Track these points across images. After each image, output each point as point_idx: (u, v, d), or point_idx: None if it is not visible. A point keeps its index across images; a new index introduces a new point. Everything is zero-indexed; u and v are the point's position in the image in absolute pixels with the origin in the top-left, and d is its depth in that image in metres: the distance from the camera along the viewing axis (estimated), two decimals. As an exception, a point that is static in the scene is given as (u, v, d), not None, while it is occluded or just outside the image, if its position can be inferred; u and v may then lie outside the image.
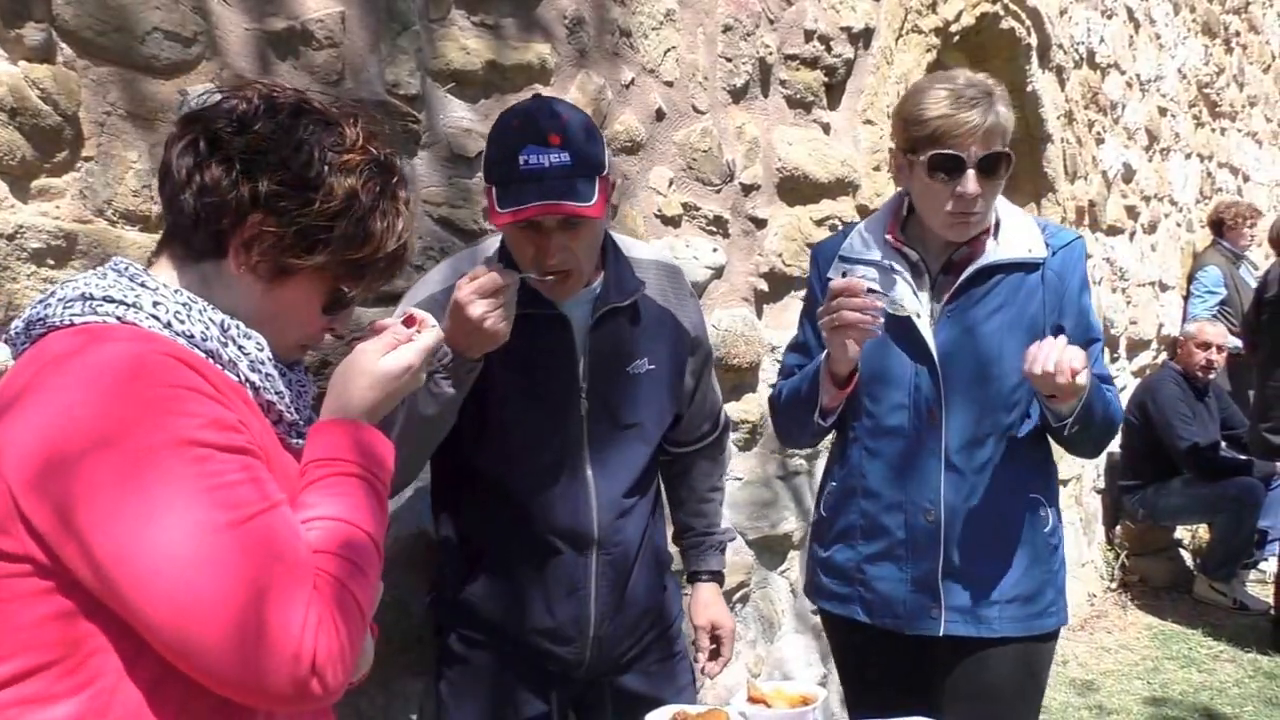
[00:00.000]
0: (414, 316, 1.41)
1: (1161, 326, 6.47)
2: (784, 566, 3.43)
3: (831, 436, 2.31)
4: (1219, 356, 5.63)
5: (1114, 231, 5.81)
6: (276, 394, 1.29)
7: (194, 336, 1.21)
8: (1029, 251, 2.11)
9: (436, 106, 2.33)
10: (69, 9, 1.72)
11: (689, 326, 2.13)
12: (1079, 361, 1.89)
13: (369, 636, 1.30)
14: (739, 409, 3.18)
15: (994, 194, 2.05)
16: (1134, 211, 6.09)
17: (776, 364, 3.26)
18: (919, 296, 2.11)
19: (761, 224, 3.25)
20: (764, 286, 3.27)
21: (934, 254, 2.14)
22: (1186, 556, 6.01)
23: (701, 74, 3.01)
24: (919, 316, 2.09)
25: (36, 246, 1.69)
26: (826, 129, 3.50)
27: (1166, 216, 6.60)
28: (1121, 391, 4.12)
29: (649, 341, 2.05)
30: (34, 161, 1.70)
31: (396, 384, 1.34)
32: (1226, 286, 6.41)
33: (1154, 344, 6.41)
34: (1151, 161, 6.32)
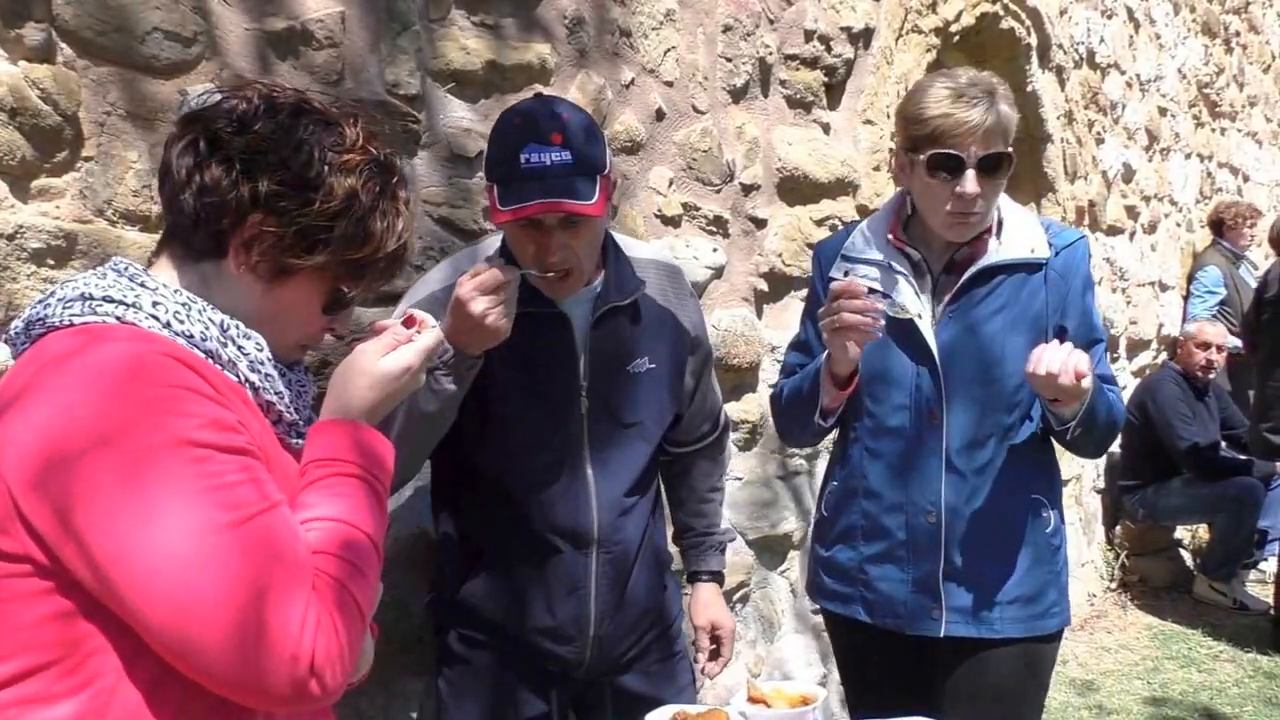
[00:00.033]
0: (414, 317, 1.41)
1: (1161, 326, 6.47)
2: (784, 566, 3.42)
3: (833, 436, 2.31)
4: (1219, 356, 5.63)
5: (1114, 231, 5.81)
6: (276, 394, 1.29)
7: (193, 336, 1.21)
8: (1032, 251, 2.10)
9: (436, 106, 2.33)
10: (69, 9, 1.72)
11: (689, 326, 2.13)
12: (1084, 365, 1.88)
13: (369, 637, 1.30)
14: (739, 409, 3.18)
15: (995, 194, 2.04)
16: (1134, 211, 6.09)
17: (776, 364, 3.26)
18: (920, 297, 2.10)
19: (761, 224, 3.25)
20: (764, 286, 3.27)
21: (936, 254, 2.13)
22: (1186, 556, 6.00)
23: (701, 74, 3.00)
24: (920, 318, 2.08)
25: (36, 246, 1.69)
26: (826, 129, 3.50)
27: (1166, 216, 6.60)
28: (1121, 391, 4.11)
29: (649, 341, 2.05)
30: (34, 161, 1.70)
31: (396, 384, 1.34)
32: (1226, 286, 6.40)
33: (1154, 344, 6.41)
34: (1151, 161, 6.32)
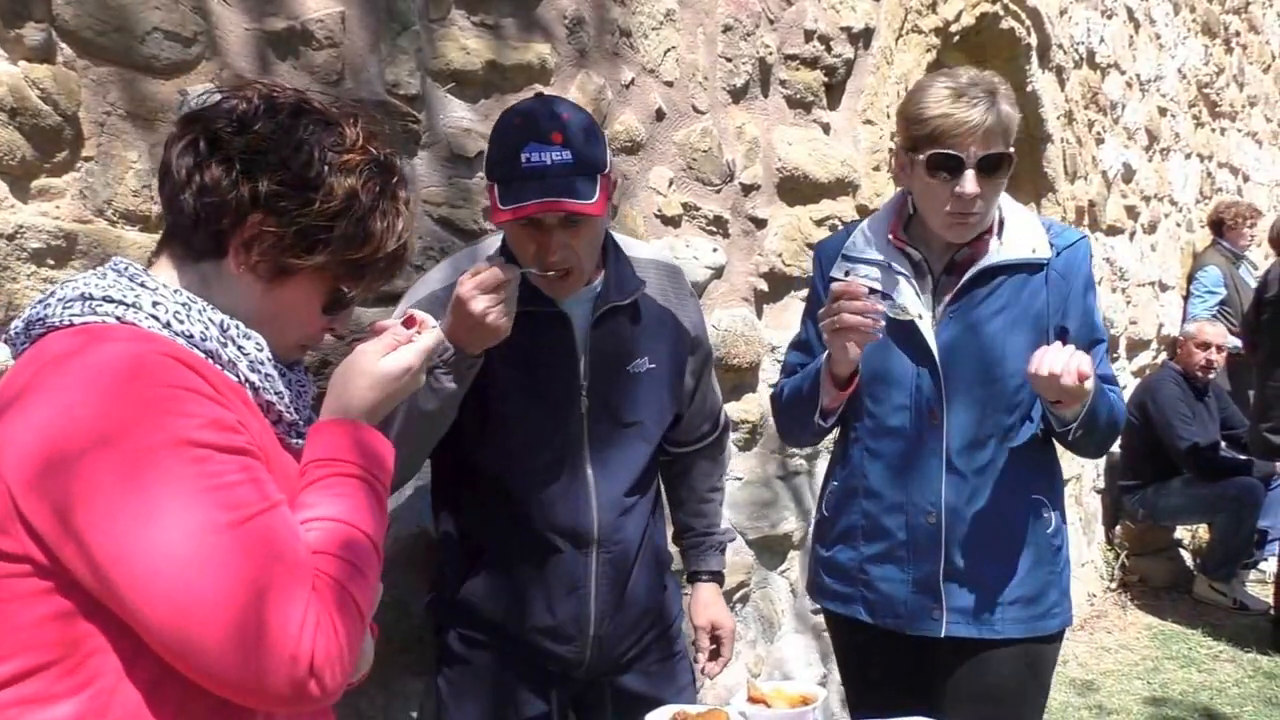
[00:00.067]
0: (414, 317, 1.41)
1: (1161, 326, 6.47)
2: (784, 566, 3.42)
3: (834, 436, 2.30)
4: (1219, 356, 5.63)
5: (1114, 231, 5.81)
6: (276, 394, 1.29)
7: (193, 336, 1.21)
8: (1033, 252, 2.09)
9: (436, 106, 2.33)
10: (69, 9, 1.72)
11: (689, 326, 2.13)
12: (1086, 366, 1.87)
13: (368, 637, 1.30)
14: (739, 409, 3.18)
15: (994, 194, 2.03)
16: (1134, 211, 6.09)
17: (777, 364, 3.26)
18: (921, 297, 2.10)
19: (761, 224, 3.25)
20: (764, 286, 3.27)
21: (937, 254, 2.12)
22: (1186, 556, 6.00)
23: (701, 74, 3.00)
24: (921, 318, 2.07)
25: (36, 246, 1.69)
26: (826, 129, 3.50)
27: (1166, 216, 6.60)
28: (1122, 391, 4.12)
29: (649, 340, 2.05)
30: (34, 161, 1.70)
31: (396, 385, 1.34)
32: (1226, 286, 6.40)
33: (1154, 344, 6.41)
34: (1151, 161, 6.32)
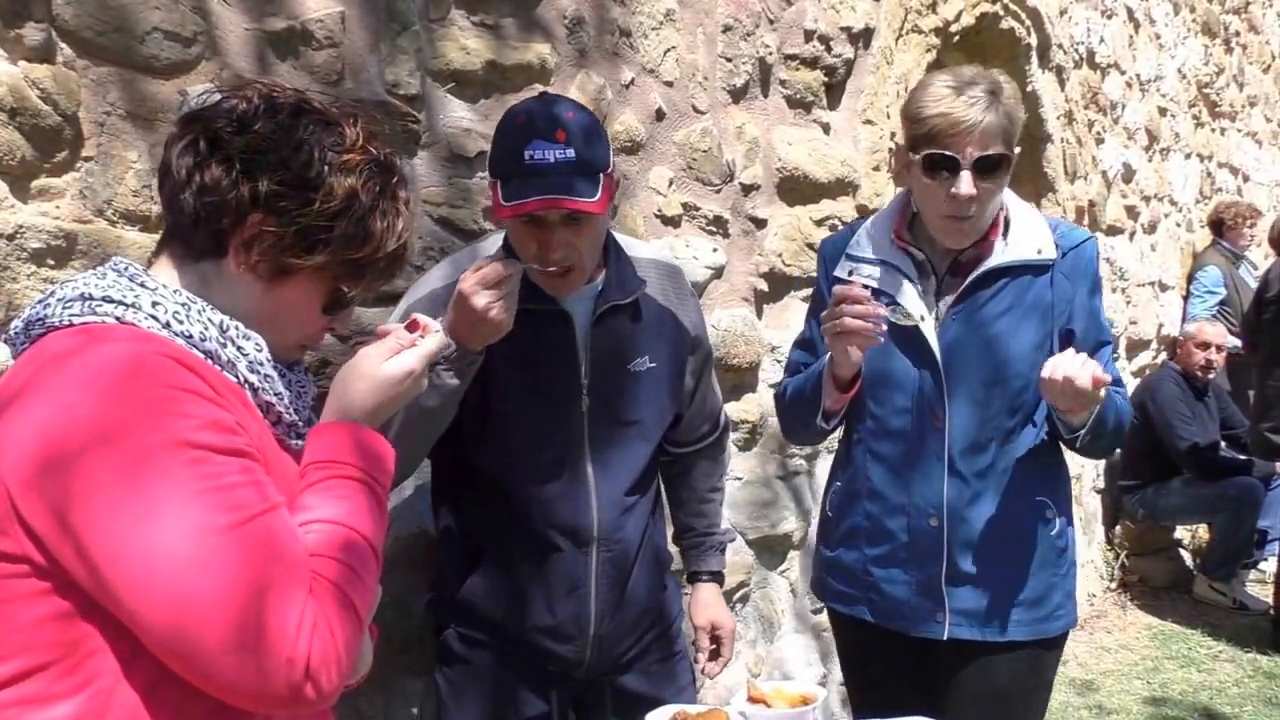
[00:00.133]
0: (417, 321, 1.40)
1: (1161, 326, 6.47)
2: (784, 566, 3.42)
3: (837, 436, 2.30)
4: (1218, 356, 5.63)
5: (1114, 231, 5.81)
6: (275, 395, 1.29)
7: (192, 337, 1.21)
8: (1038, 253, 2.06)
9: (436, 106, 2.33)
10: (69, 9, 1.72)
11: (689, 326, 2.13)
12: (1101, 372, 1.85)
13: (368, 638, 1.30)
14: (739, 409, 3.18)
15: (992, 196, 1.99)
16: (1134, 211, 6.09)
17: (776, 364, 3.26)
18: (924, 297, 2.08)
19: (761, 224, 3.25)
20: (764, 286, 3.27)
21: (940, 254, 2.10)
22: (1186, 556, 6.01)
23: (701, 74, 3.00)
24: (923, 320, 2.05)
25: (36, 246, 1.69)
26: (826, 129, 3.50)
27: (1166, 216, 6.60)
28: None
29: (650, 340, 2.05)
30: (34, 161, 1.70)
31: (398, 388, 1.33)
32: (1226, 286, 6.40)
33: (1154, 344, 6.41)
34: (1151, 161, 6.32)
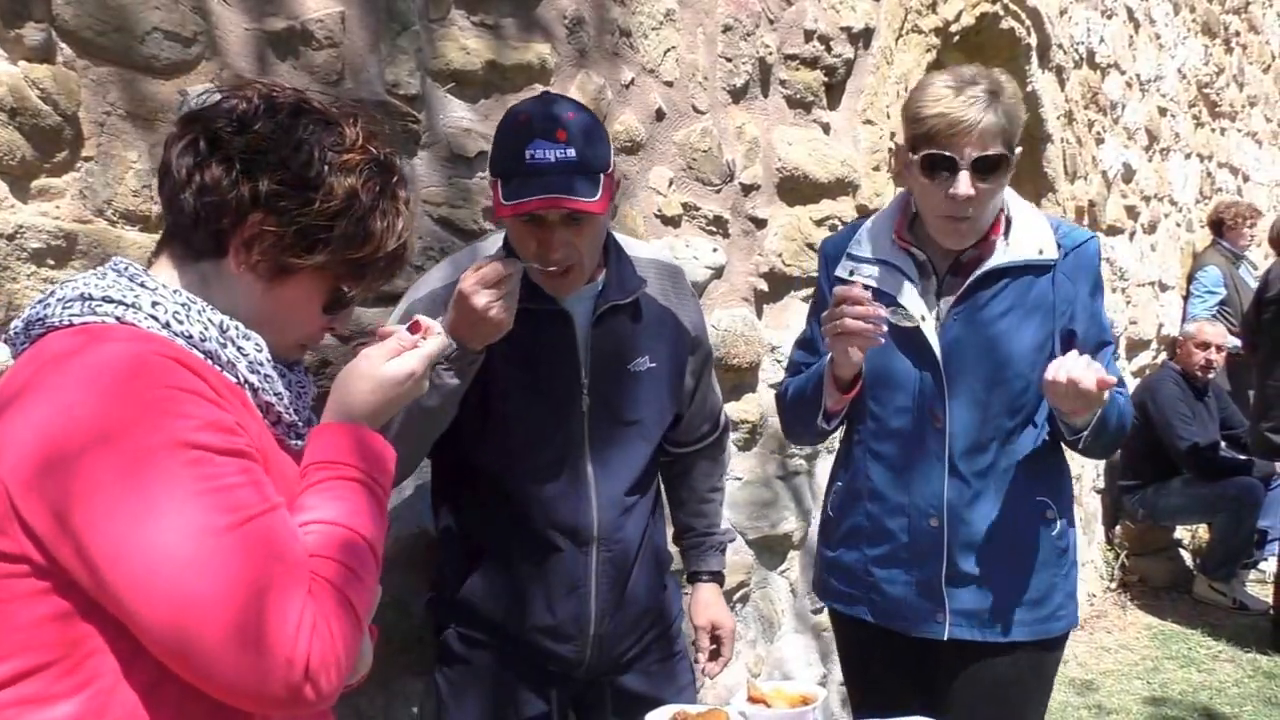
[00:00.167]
0: (419, 323, 1.40)
1: (1161, 326, 6.47)
2: (784, 566, 3.42)
3: (839, 436, 2.30)
4: (1218, 356, 5.63)
5: (1114, 231, 5.81)
6: (275, 395, 1.29)
7: (192, 337, 1.21)
8: (1040, 253, 2.05)
9: (436, 106, 2.33)
10: (69, 9, 1.72)
11: (689, 326, 2.13)
12: (1105, 374, 1.85)
13: (367, 639, 1.30)
14: (739, 409, 3.18)
15: (991, 197, 1.99)
16: (1134, 211, 6.09)
17: (776, 364, 3.26)
18: (925, 297, 2.07)
19: (761, 224, 3.25)
20: (764, 286, 3.27)
21: (941, 254, 2.09)
22: (1186, 556, 6.01)
23: (701, 74, 3.00)
24: (924, 320, 2.05)
25: (36, 246, 1.69)
26: (826, 129, 3.50)
27: (1166, 216, 6.60)
28: (1121, 391, 4.11)
29: (650, 340, 2.05)
30: (34, 161, 1.70)
31: (399, 390, 1.33)
32: (1226, 286, 6.40)
33: (1154, 344, 6.41)
34: (1151, 161, 6.32)
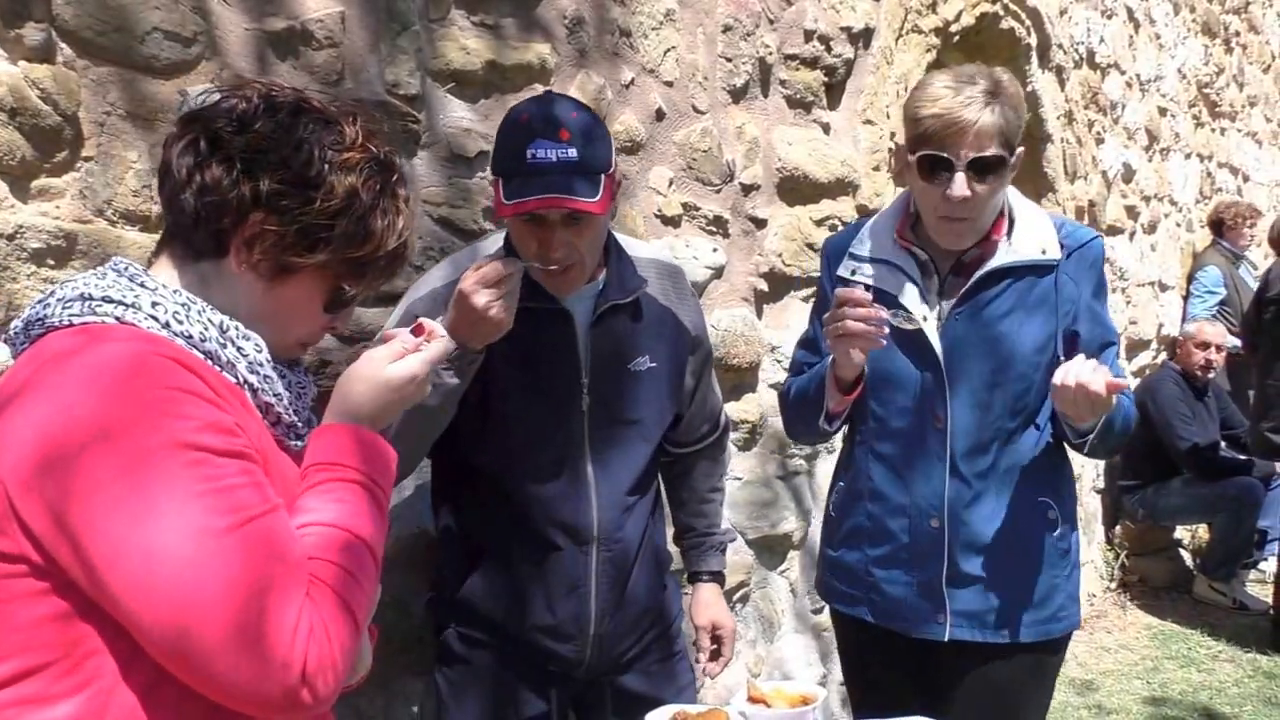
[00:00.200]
0: (423, 326, 1.40)
1: (1161, 326, 6.47)
2: (784, 566, 3.42)
3: (841, 435, 2.29)
4: (1218, 356, 5.63)
5: (1114, 231, 5.81)
6: (275, 395, 1.29)
7: (192, 337, 1.21)
8: (1043, 253, 2.04)
9: (436, 106, 2.33)
10: (69, 9, 1.72)
11: (689, 326, 2.13)
12: (1113, 377, 1.84)
13: (367, 639, 1.30)
14: (739, 409, 3.18)
15: (989, 197, 1.97)
16: (1134, 211, 6.09)
17: (776, 364, 3.27)
18: (926, 298, 2.06)
19: (761, 224, 3.25)
20: (764, 286, 3.27)
21: (943, 254, 2.08)
22: (1186, 556, 6.01)
23: (701, 74, 3.00)
24: (925, 320, 2.04)
25: (36, 246, 1.69)
26: (826, 129, 3.50)
27: (1166, 216, 6.60)
28: (1121, 391, 4.10)
29: (650, 339, 2.05)
30: (34, 161, 1.70)
31: (401, 392, 1.33)
32: (1226, 286, 6.40)
33: (1154, 344, 6.41)
34: (1151, 161, 6.32)
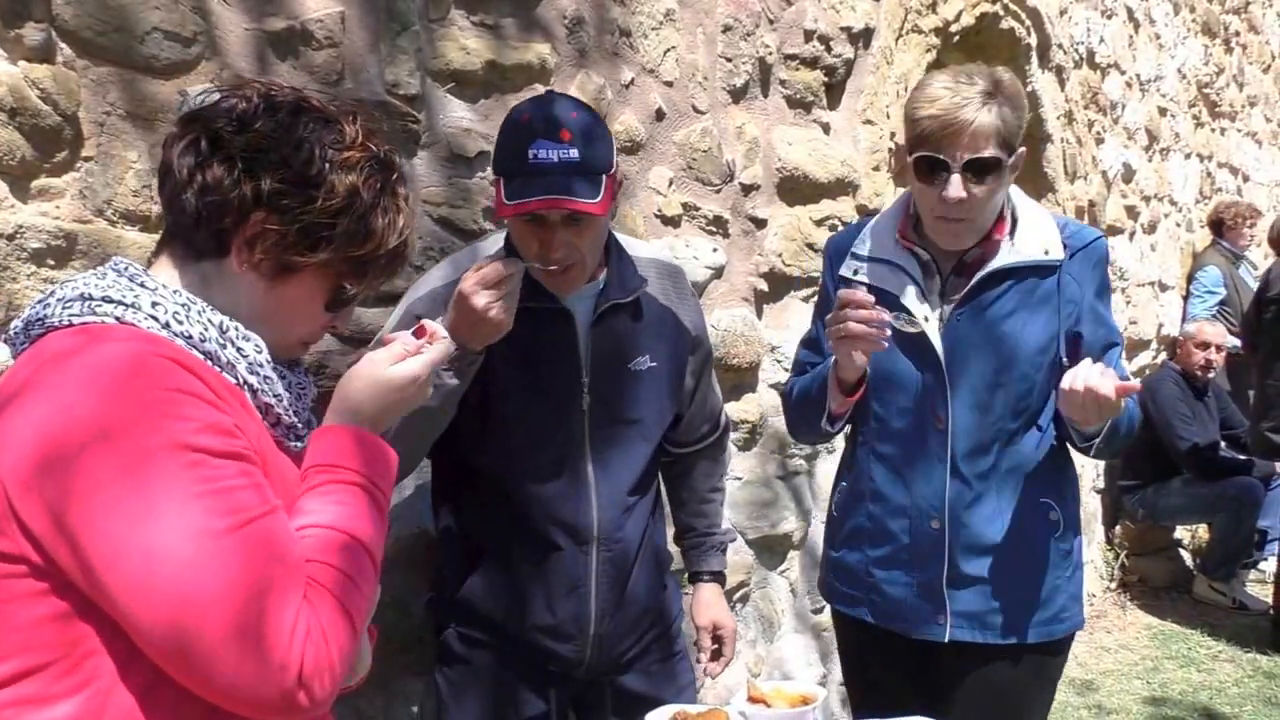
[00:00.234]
0: (425, 328, 1.40)
1: (1161, 326, 6.47)
2: (784, 566, 3.42)
3: (845, 436, 2.29)
4: (1218, 356, 5.63)
5: (1114, 231, 5.80)
6: (275, 396, 1.29)
7: (192, 338, 1.21)
8: (1046, 253, 2.03)
9: (436, 106, 2.33)
10: (69, 9, 1.72)
11: (690, 326, 2.13)
12: (1121, 381, 1.84)
13: (366, 640, 1.30)
14: (739, 409, 3.18)
15: (988, 198, 1.96)
16: (1134, 211, 6.09)
17: (776, 364, 3.27)
18: (928, 298, 2.06)
19: (761, 224, 3.25)
20: (764, 286, 3.27)
21: (945, 254, 2.07)
22: (1186, 556, 6.01)
23: (701, 74, 3.00)
24: (926, 322, 2.03)
25: (36, 246, 1.69)
26: (826, 129, 3.50)
27: (1166, 216, 6.60)
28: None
29: (650, 339, 2.05)
30: (34, 161, 1.70)
31: (402, 394, 1.33)
32: (1226, 286, 6.40)
33: (1154, 344, 6.41)
34: (1151, 161, 6.32)
